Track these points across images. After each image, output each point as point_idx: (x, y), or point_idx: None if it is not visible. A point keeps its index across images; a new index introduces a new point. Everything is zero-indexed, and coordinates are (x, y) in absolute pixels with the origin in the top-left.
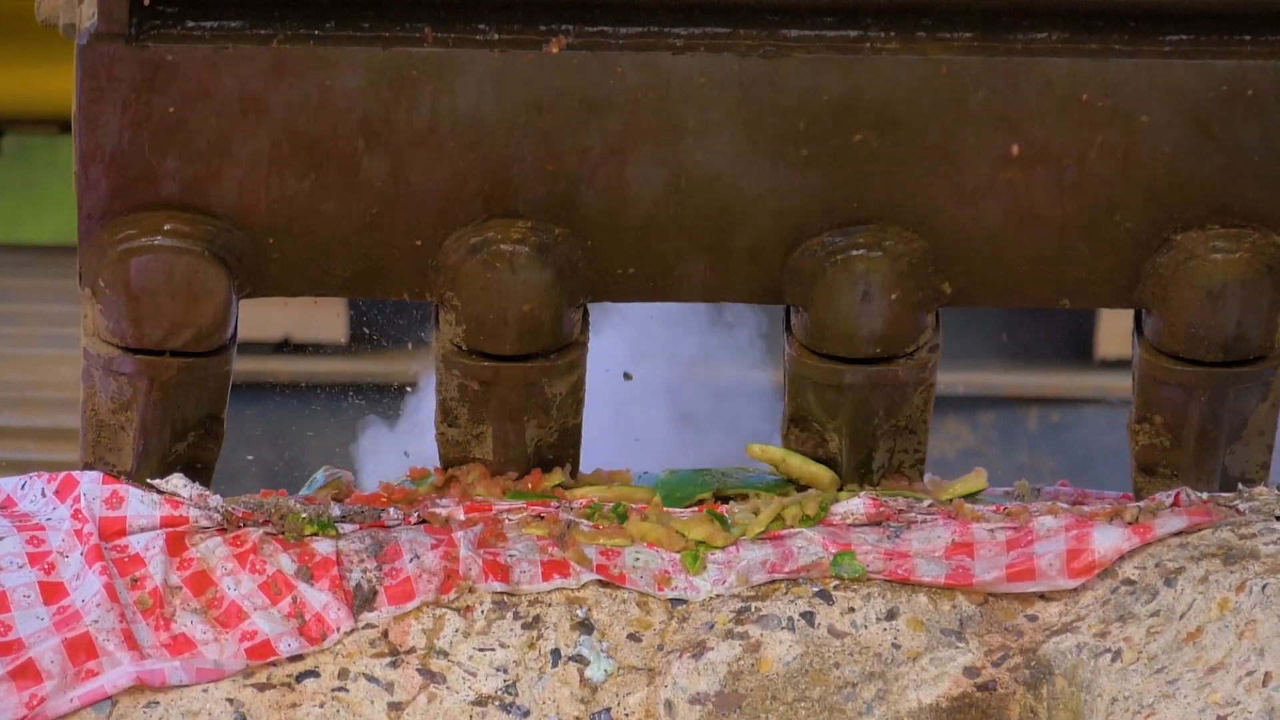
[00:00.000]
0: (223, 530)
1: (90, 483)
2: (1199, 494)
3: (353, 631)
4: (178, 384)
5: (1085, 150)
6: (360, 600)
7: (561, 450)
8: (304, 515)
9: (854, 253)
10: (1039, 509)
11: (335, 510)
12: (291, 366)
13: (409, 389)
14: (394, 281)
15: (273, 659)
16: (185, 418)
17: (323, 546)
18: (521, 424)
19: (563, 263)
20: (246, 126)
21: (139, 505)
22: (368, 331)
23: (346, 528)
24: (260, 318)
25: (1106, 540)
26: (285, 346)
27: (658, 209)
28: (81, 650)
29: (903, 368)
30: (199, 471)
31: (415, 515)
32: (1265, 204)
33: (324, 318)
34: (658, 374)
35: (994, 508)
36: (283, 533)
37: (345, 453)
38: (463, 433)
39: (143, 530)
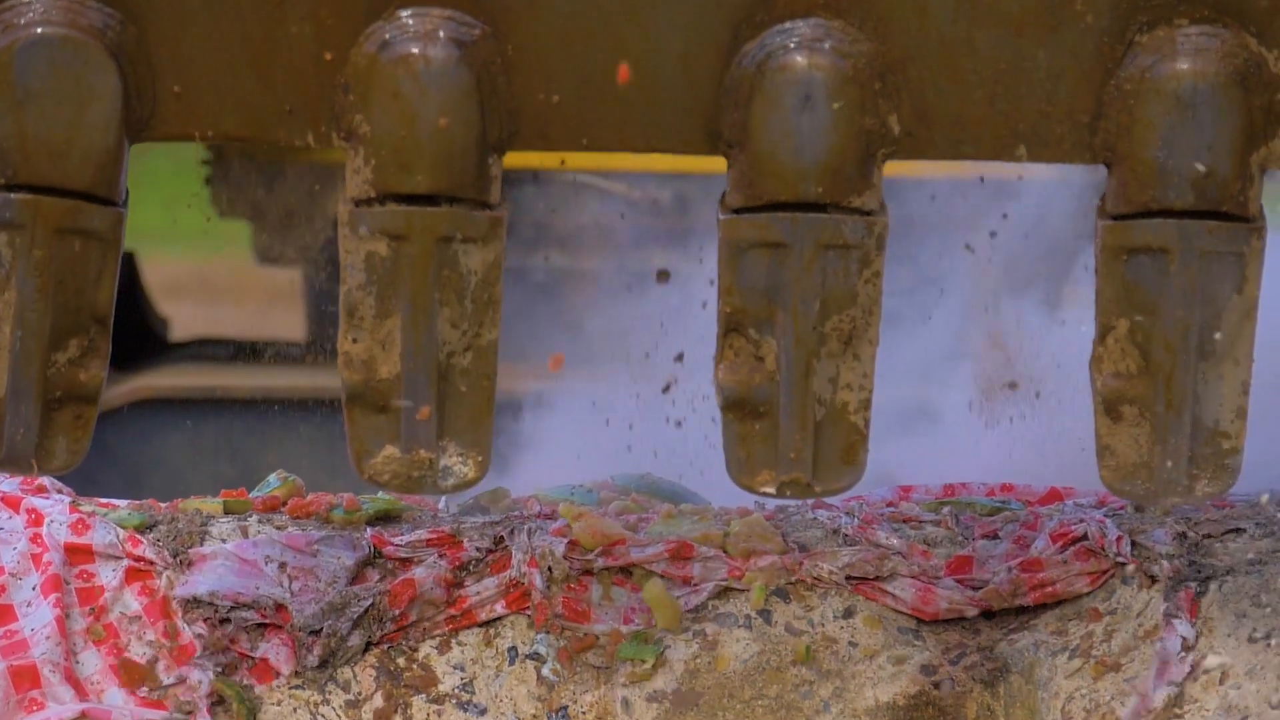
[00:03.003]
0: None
1: (55, 508)
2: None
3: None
4: (62, 243)
5: None
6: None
7: (474, 382)
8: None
9: (795, 56)
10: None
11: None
12: (250, 381)
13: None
14: (301, 116)
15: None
16: (67, 307)
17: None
18: (432, 311)
19: (481, 69)
20: None
21: (105, 534)
22: (327, 337)
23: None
24: (220, 318)
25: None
26: (245, 348)
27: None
28: (26, 679)
29: (848, 225)
30: (82, 404)
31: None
32: None
33: (283, 318)
34: None
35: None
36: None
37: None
38: (366, 343)
39: (109, 558)
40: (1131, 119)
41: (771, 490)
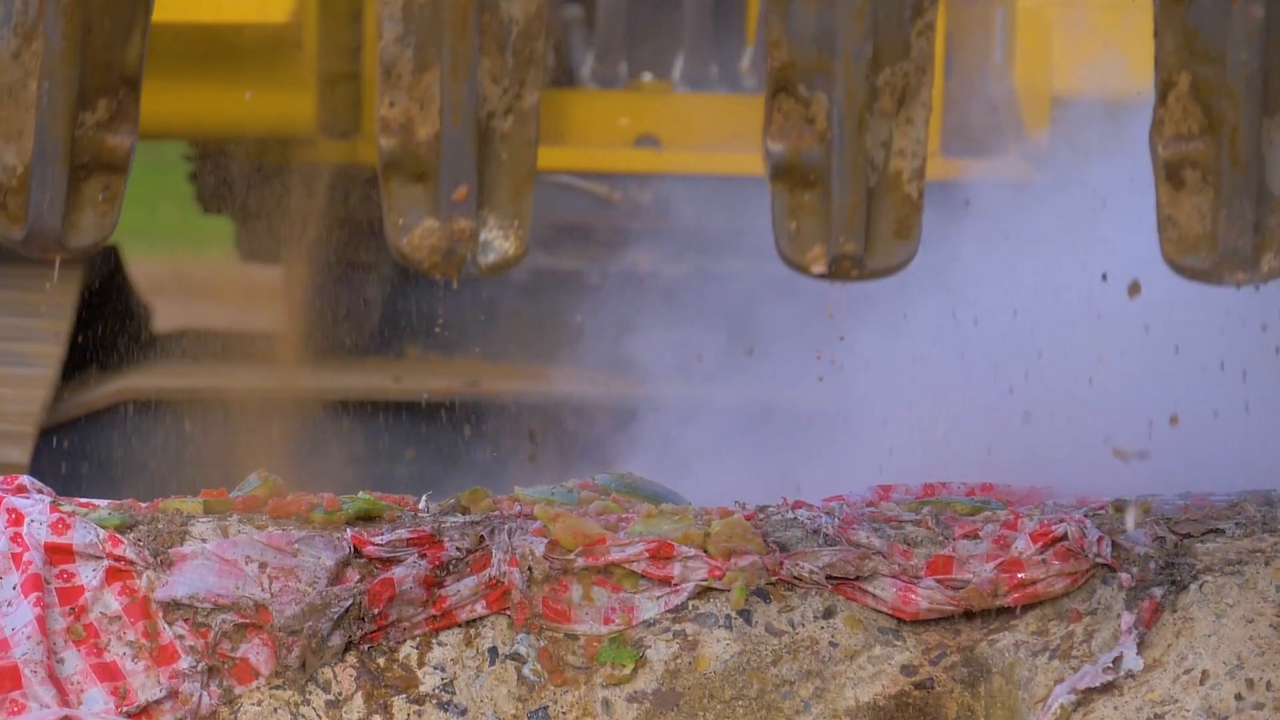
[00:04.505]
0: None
1: (35, 508)
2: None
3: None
4: None
5: None
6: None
7: (516, 149)
8: None
9: None
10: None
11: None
12: (231, 380)
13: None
14: None
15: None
16: (95, 62)
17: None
18: (472, 60)
19: None
20: None
21: (85, 534)
22: (319, 332)
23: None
24: (203, 315)
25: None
26: (227, 346)
27: None
28: (7, 680)
29: None
30: (111, 174)
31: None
32: None
33: (266, 315)
34: None
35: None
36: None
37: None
38: (404, 104)
39: (90, 557)
40: None
41: (823, 268)
